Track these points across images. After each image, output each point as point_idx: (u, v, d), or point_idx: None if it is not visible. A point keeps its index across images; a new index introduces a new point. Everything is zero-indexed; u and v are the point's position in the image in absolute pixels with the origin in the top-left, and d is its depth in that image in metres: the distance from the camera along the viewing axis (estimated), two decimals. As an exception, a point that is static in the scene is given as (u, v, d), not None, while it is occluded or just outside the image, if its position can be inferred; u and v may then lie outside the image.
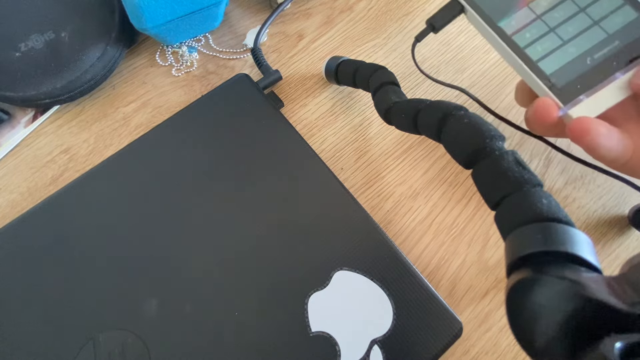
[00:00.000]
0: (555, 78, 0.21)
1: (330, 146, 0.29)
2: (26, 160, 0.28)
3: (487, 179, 0.16)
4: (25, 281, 0.22)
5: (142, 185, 0.25)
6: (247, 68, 0.32)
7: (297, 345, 0.21)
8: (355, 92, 0.31)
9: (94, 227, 0.23)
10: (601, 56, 0.21)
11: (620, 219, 0.27)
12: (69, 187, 0.24)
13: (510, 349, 0.24)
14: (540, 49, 0.22)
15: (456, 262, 0.26)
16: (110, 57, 0.29)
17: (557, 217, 0.14)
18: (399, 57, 0.32)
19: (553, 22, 0.22)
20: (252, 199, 0.24)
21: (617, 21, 0.22)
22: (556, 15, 0.22)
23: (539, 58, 0.22)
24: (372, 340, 0.21)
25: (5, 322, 0.21)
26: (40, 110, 0.30)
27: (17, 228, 0.23)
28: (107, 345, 0.21)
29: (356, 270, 0.22)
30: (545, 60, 0.22)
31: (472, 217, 0.27)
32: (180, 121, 0.27)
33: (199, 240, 0.23)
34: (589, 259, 0.13)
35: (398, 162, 0.28)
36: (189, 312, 0.21)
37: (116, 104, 0.30)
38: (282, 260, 0.23)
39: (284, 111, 0.30)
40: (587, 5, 0.22)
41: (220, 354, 0.21)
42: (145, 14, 0.26)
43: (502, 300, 0.25)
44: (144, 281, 0.22)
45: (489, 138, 0.16)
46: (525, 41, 0.22)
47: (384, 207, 0.27)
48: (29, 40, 0.27)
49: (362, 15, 0.34)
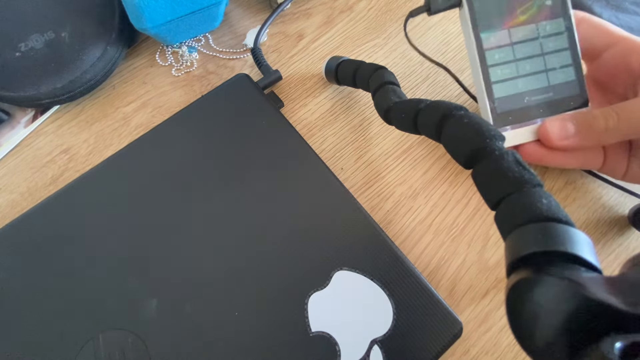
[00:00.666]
0: (498, 103, 0.24)
1: (330, 146, 0.29)
2: (26, 160, 0.28)
3: (487, 179, 0.16)
4: (25, 281, 0.22)
5: (142, 185, 0.24)
6: (247, 68, 0.32)
7: (297, 345, 0.21)
8: (355, 92, 0.31)
9: (93, 227, 0.23)
10: (535, 100, 0.24)
11: (620, 219, 0.27)
12: (69, 187, 0.24)
13: (510, 349, 0.24)
14: (500, 73, 0.24)
15: (456, 262, 0.26)
16: (110, 57, 0.29)
17: (557, 217, 0.14)
18: (399, 57, 0.32)
19: (519, 54, 0.24)
20: (252, 199, 0.24)
21: (560, 77, 0.25)
22: (523, 50, 0.24)
23: (495, 80, 0.24)
24: (372, 340, 0.21)
25: (6, 322, 0.21)
26: (40, 110, 0.30)
27: (17, 228, 0.23)
28: (107, 345, 0.21)
29: (356, 270, 0.22)
30: (498, 84, 0.24)
31: (472, 217, 0.27)
32: (180, 121, 0.26)
33: (199, 240, 0.23)
34: (589, 259, 0.13)
35: (398, 162, 0.28)
36: (189, 312, 0.21)
37: (116, 104, 0.30)
38: (282, 260, 0.23)
39: (284, 111, 0.30)
40: (547, 53, 0.24)
41: (220, 354, 0.21)
42: (145, 14, 0.26)
43: (502, 300, 0.25)
44: (144, 281, 0.22)
45: (489, 138, 0.16)
46: (493, 60, 0.24)
47: (384, 207, 0.27)
48: (29, 40, 0.27)
49: (362, 15, 0.34)
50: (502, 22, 0.24)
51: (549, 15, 0.24)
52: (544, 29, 0.24)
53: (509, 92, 0.24)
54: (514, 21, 0.24)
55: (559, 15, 0.24)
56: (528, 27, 0.24)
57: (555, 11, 0.24)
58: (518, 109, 0.24)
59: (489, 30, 0.24)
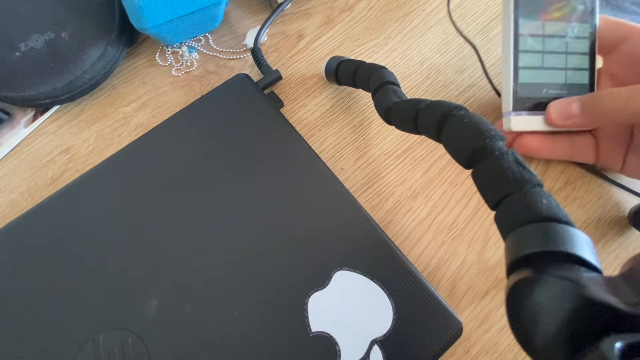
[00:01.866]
0: (521, 88, 0.25)
1: (330, 146, 0.29)
2: (26, 160, 0.28)
3: (487, 179, 0.16)
4: (25, 281, 0.22)
5: (142, 185, 0.24)
6: (247, 68, 0.32)
7: (297, 345, 0.21)
8: (355, 92, 0.31)
9: (94, 227, 0.23)
10: (552, 94, 0.26)
11: (620, 219, 0.27)
12: (69, 187, 0.24)
13: (510, 349, 0.24)
14: (529, 60, 0.25)
15: (456, 262, 0.26)
16: (110, 57, 0.29)
17: (557, 217, 0.14)
18: (399, 57, 0.32)
19: (547, 46, 0.26)
20: (251, 199, 0.24)
21: (576, 77, 0.26)
22: (551, 44, 0.26)
23: (523, 66, 0.25)
24: (372, 340, 0.21)
25: (6, 322, 0.21)
26: (40, 110, 0.30)
27: (17, 228, 0.23)
28: (107, 345, 0.21)
29: (356, 270, 0.22)
30: (524, 70, 0.25)
31: (472, 217, 0.27)
32: (180, 121, 0.26)
33: (199, 240, 0.23)
34: (589, 259, 0.13)
35: (398, 162, 0.28)
36: (189, 312, 0.21)
37: (116, 104, 0.30)
38: (282, 261, 0.23)
39: (284, 111, 0.30)
40: (570, 53, 0.26)
41: (220, 354, 0.21)
42: (145, 14, 0.26)
43: (502, 300, 0.25)
44: (144, 281, 0.22)
45: (489, 138, 0.16)
46: (524, 46, 0.25)
47: (384, 207, 0.27)
48: (29, 40, 0.27)
49: (362, 15, 0.34)
50: (540, 12, 0.25)
51: (579, 18, 0.26)
52: (572, 30, 0.26)
53: (532, 80, 0.25)
54: (550, 15, 0.25)
55: (586, 21, 0.26)
56: (560, 23, 0.25)
57: (585, 16, 0.26)
58: (536, 97, 0.25)
59: (527, 18, 0.25)
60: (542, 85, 0.25)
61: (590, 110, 0.23)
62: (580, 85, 0.26)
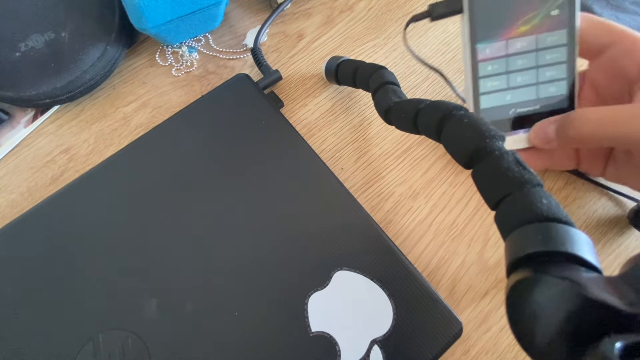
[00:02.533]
0: (484, 113, 0.25)
1: (330, 146, 0.29)
2: (26, 160, 0.28)
3: (487, 179, 0.16)
4: (25, 281, 0.22)
5: (143, 185, 0.24)
6: (247, 68, 0.32)
7: (297, 345, 0.21)
8: (355, 92, 0.31)
9: (94, 227, 0.23)
10: (522, 112, 0.25)
11: (620, 219, 0.27)
12: (69, 187, 0.24)
13: (510, 349, 0.24)
14: (489, 85, 0.24)
15: (456, 262, 0.26)
16: (110, 57, 0.29)
17: (557, 217, 0.14)
18: (399, 57, 0.32)
19: (512, 66, 0.24)
20: (251, 199, 0.24)
21: (550, 90, 0.24)
22: (517, 62, 0.24)
23: (483, 92, 0.24)
24: (372, 340, 0.21)
25: (6, 321, 0.21)
26: (40, 110, 0.30)
27: (17, 228, 0.23)
28: (107, 345, 0.21)
29: (356, 270, 0.22)
30: (486, 96, 0.24)
31: (472, 217, 0.27)
32: (180, 121, 0.26)
33: (199, 240, 0.23)
34: (589, 259, 0.13)
35: (398, 162, 0.28)
36: (189, 312, 0.21)
37: (116, 104, 0.30)
38: (282, 260, 0.23)
39: (284, 111, 0.30)
40: (542, 66, 0.24)
41: (220, 354, 0.21)
42: (145, 14, 0.26)
43: (502, 300, 0.25)
44: (144, 281, 0.22)
45: (488, 138, 0.16)
46: (484, 72, 0.24)
47: (384, 207, 0.27)
48: (29, 40, 0.27)
49: (362, 15, 0.34)
50: (502, 32, 0.23)
51: (552, 27, 0.23)
52: (543, 41, 0.24)
53: (496, 104, 0.25)
54: (514, 32, 0.23)
55: (563, 27, 0.23)
56: (527, 38, 0.24)
57: (560, 22, 0.23)
58: (503, 119, 0.25)
59: (486, 41, 0.24)
60: (509, 106, 0.24)
61: (564, 135, 0.22)
62: (557, 97, 0.24)
